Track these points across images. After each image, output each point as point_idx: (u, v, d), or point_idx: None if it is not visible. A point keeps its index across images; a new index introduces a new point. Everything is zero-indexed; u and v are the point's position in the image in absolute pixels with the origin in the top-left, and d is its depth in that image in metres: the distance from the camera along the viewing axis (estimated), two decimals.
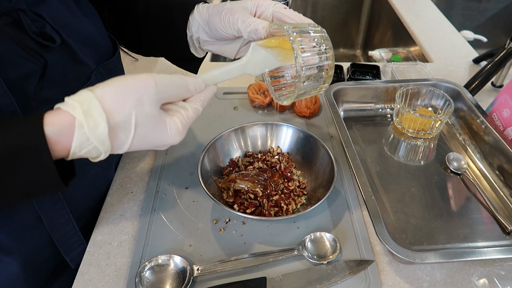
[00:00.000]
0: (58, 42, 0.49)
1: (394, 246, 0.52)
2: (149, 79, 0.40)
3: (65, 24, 0.51)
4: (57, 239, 0.55)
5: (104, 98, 0.38)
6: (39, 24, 0.48)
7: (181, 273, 0.53)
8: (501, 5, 1.62)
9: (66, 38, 0.51)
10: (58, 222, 0.54)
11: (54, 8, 0.51)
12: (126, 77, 0.40)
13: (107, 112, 0.37)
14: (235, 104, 0.86)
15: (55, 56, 0.50)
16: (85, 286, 0.54)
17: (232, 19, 0.54)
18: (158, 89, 0.40)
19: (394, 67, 0.98)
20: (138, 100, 0.39)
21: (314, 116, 0.83)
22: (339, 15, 1.56)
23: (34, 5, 0.48)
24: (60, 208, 0.54)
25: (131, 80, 0.39)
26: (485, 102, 0.87)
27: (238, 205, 0.62)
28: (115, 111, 0.38)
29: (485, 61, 1.01)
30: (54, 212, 0.53)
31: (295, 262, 0.56)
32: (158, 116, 0.40)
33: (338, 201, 0.65)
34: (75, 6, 0.56)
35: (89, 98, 0.37)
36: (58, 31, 0.50)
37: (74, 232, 0.57)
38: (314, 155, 0.68)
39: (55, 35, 0.49)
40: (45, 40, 0.48)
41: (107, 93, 0.38)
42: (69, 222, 0.56)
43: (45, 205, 0.52)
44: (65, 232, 0.56)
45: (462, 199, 0.67)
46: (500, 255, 0.53)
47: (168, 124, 0.41)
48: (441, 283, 0.55)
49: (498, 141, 0.71)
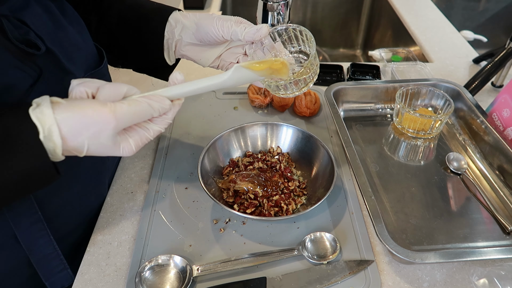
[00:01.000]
0: (43, 49, 0.47)
1: (394, 246, 0.52)
2: (109, 116, 0.41)
3: (49, 32, 0.50)
4: (35, 262, 0.52)
5: (63, 125, 0.39)
6: (22, 31, 0.46)
7: (181, 273, 0.53)
8: (501, 5, 1.62)
9: (51, 45, 0.49)
10: (36, 244, 0.51)
11: (38, 16, 0.49)
12: (88, 106, 0.41)
13: (63, 138, 0.39)
14: (235, 104, 0.86)
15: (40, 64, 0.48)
16: (85, 286, 0.54)
17: (226, 23, 0.56)
18: (117, 125, 0.41)
19: (394, 67, 0.98)
20: (93, 133, 0.40)
21: (314, 116, 0.83)
22: (339, 15, 1.56)
23: (17, 11, 0.46)
24: (39, 228, 0.51)
25: (92, 112, 0.40)
26: (485, 102, 0.87)
27: (238, 205, 0.62)
28: (69, 139, 0.40)
29: (485, 61, 1.01)
30: (32, 232, 0.50)
31: (295, 262, 0.56)
32: (112, 144, 0.42)
33: (338, 201, 0.65)
34: (60, 15, 0.55)
35: (50, 122, 0.38)
36: (42, 38, 0.48)
37: (55, 256, 0.53)
38: (314, 155, 0.68)
39: (40, 43, 0.47)
40: (29, 48, 0.46)
41: (66, 120, 0.39)
42: (50, 244, 0.52)
43: (22, 224, 0.49)
44: (45, 255, 0.52)
45: (462, 199, 0.67)
46: (500, 255, 0.53)
47: (122, 147, 0.44)
48: (441, 283, 0.55)
49: (498, 141, 0.71)
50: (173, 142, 0.76)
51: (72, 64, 0.53)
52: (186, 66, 0.71)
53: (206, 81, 0.48)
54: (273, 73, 0.50)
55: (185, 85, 0.48)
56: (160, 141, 0.76)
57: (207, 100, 0.87)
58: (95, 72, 0.58)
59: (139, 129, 0.45)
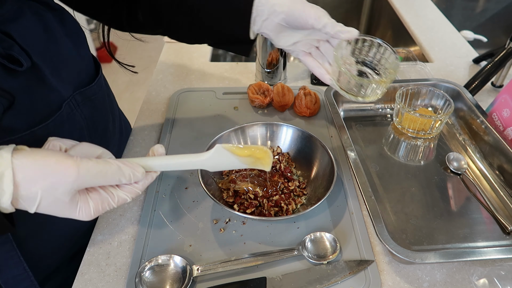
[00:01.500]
0: (25, 66, 0.45)
1: (394, 246, 0.52)
2: (72, 168, 0.38)
3: (38, 44, 0.48)
4: (4, 282, 0.50)
5: (19, 170, 0.36)
6: (6, 44, 0.44)
7: (181, 273, 0.53)
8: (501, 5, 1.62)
9: (37, 60, 0.47)
10: (6, 264, 0.49)
11: (28, 27, 0.47)
12: (52, 156, 0.38)
13: (16, 184, 0.36)
14: (235, 104, 0.86)
15: (21, 81, 0.46)
16: (85, 286, 0.54)
17: (319, 13, 0.55)
18: (78, 180, 0.38)
19: None
20: (51, 184, 0.37)
21: (314, 116, 0.83)
22: (339, 15, 1.56)
23: (3, 23, 0.45)
24: (7, 249, 0.49)
25: (55, 162, 0.38)
26: (485, 102, 0.87)
27: (238, 205, 0.62)
28: (22, 186, 0.36)
29: (485, 61, 1.01)
30: (1, 253, 0.49)
31: (295, 262, 0.56)
32: (69, 202, 0.39)
33: (338, 201, 0.65)
34: (58, 25, 0.53)
35: (5, 166, 0.36)
36: (29, 52, 0.46)
37: (25, 277, 0.51)
38: (314, 155, 0.68)
39: (24, 58, 0.45)
40: (11, 63, 0.44)
41: (24, 165, 0.37)
42: (19, 265, 0.50)
43: None
44: (14, 276, 0.50)
45: (462, 199, 0.67)
46: (500, 255, 0.53)
47: (79, 208, 0.40)
48: (441, 283, 0.55)
49: (498, 141, 0.71)
50: (173, 142, 0.76)
51: (59, 80, 0.51)
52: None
53: (185, 158, 0.47)
54: (255, 161, 0.49)
55: (163, 158, 0.46)
56: (160, 141, 0.76)
57: (207, 100, 0.87)
58: (85, 90, 0.57)
59: (103, 193, 0.42)
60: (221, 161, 0.48)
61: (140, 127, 0.81)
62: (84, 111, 0.57)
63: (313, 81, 0.95)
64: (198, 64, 1.01)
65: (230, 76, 0.97)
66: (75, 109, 0.55)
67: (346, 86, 0.61)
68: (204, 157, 0.47)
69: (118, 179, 0.41)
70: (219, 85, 0.93)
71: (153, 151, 0.47)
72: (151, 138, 0.78)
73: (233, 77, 0.96)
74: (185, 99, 0.87)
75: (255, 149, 0.49)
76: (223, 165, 0.49)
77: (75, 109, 0.55)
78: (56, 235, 0.58)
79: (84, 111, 0.57)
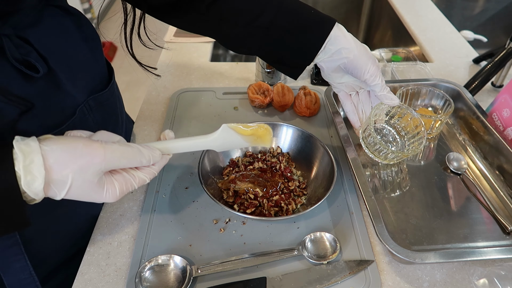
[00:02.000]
0: (42, 72, 0.45)
1: (394, 246, 0.52)
2: (99, 150, 0.40)
3: (55, 50, 0.48)
4: (9, 284, 0.50)
5: (49, 155, 0.38)
6: (24, 50, 0.44)
7: (181, 273, 0.53)
8: (501, 5, 1.62)
9: (54, 66, 0.48)
10: (12, 267, 0.49)
11: (46, 33, 0.48)
12: (79, 141, 0.40)
13: (47, 169, 0.37)
14: (235, 104, 0.86)
15: (38, 86, 0.47)
16: (85, 286, 0.54)
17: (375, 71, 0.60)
18: (105, 161, 0.40)
19: (394, 67, 0.98)
20: (80, 166, 0.39)
21: (314, 116, 0.83)
22: (339, 15, 1.56)
23: (22, 29, 0.45)
24: (15, 252, 0.49)
25: (83, 145, 0.40)
26: (485, 102, 0.87)
27: (238, 205, 0.62)
28: (54, 170, 0.38)
29: (485, 61, 1.01)
30: (8, 256, 0.49)
31: (295, 262, 0.56)
32: (97, 183, 0.41)
33: (338, 201, 0.65)
34: (75, 29, 0.53)
35: (35, 151, 0.37)
36: (46, 58, 0.47)
37: (30, 281, 0.51)
38: (314, 155, 0.68)
39: (41, 64, 0.45)
40: (28, 69, 0.44)
41: (53, 150, 0.38)
42: (25, 269, 0.50)
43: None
44: (20, 279, 0.50)
45: (462, 199, 0.67)
46: (500, 255, 0.53)
47: (106, 189, 0.42)
48: (441, 283, 0.55)
49: (498, 141, 0.71)
50: None
51: (75, 86, 0.52)
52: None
53: (195, 139, 0.51)
54: (257, 139, 0.53)
55: (174, 141, 0.50)
56: None
57: (207, 100, 0.87)
58: (99, 96, 0.57)
59: (125, 174, 0.44)
60: (227, 140, 0.52)
61: (140, 127, 0.81)
62: (96, 116, 0.58)
63: (313, 81, 0.95)
64: (198, 64, 1.01)
65: (230, 76, 0.97)
66: (87, 114, 0.56)
67: (368, 142, 0.68)
68: (212, 137, 0.52)
69: (139, 160, 0.44)
70: (219, 85, 0.93)
71: (164, 136, 0.50)
72: (151, 138, 0.78)
73: (233, 77, 0.96)
74: (185, 99, 0.87)
75: (258, 127, 0.53)
76: (228, 144, 0.53)
77: (88, 114, 0.56)
78: (59, 235, 0.58)
79: (96, 116, 0.58)
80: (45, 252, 0.56)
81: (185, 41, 1.11)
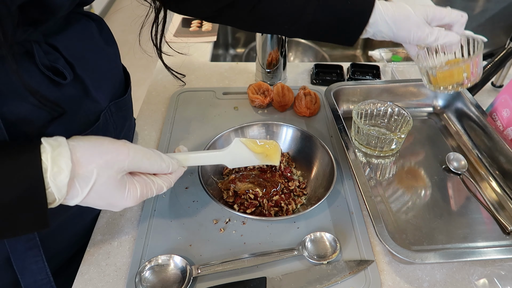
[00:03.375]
0: (69, 79, 0.46)
1: (394, 246, 0.52)
2: (123, 148, 0.41)
3: (81, 56, 0.49)
4: (25, 286, 0.50)
5: (76, 149, 0.39)
6: (52, 57, 0.45)
7: (181, 273, 0.53)
8: (501, 5, 1.62)
9: (81, 72, 0.48)
10: (30, 269, 0.50)
11: (73, 39, 0.48)
12: (104, 139, 0.42)
13: (74, 162, 0.38)
14: (235, 104, 0.86)
15: (66, 92, 0.47)
16: (85, 286, 0.54)
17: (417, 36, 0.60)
18: (129, 159, 0.41)
19: (394, 67, 0.98)
20: (106, 162, 0.40)
21: (314, 116, 0.83)
22: None
23: (50, 36, 0.45)
24: (34, 254, 0.49)
25: (108, 142, 0.41)
26: (485, 102, 0.87)
27: (238, 205, 0.62)
28: (81, 164, 0.38)
29: (485, 61, 1.01)
30: (27, 258, 0.49)
31: (295, 262, 0.56)
32: (120, 180, 0.42)
33: (338, 201, 0.65)
34: (98, 35, 0.54)
35: (63, 145, 0.38)
36: (73, 64, 0.47)
37: (46, 282, 0.51)
38: (314, 155, 0.68)
39: (68, 71, 0.46)
40: (56, 76, 0.45)
41: (80, 146, 0.39)
42: (43, 270, 0.50)
43: (18, 248, 0.48)
44: (36, 280, 0.51)
45: (462, 199, 0.67)
46: (500, 255, 0.53)
47: (128, 189, 0.43)
48: (441, 283, 0.55)
49: (498, 141, 0.71)
50: (173, 142, 0.76)
51: (99, 92, 0.53)
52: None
53: (208, 153, 0.53)
54: (266, 157, 0.55)
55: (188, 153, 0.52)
56: (160, 141, 0.76)
57: (207, 100, 0.87)
58: (119, 101, 0.58)
59: (146, 178, 0.45)
60: (239, 156, 0.54)
61: (140, 127, 0.81)
62: (116, 121, 0.59)
63: (313, 81, 0.95)
64: (198, 64, 1.01)
65: (230, 76, 0.97)
66: (109, 120, 0.57)
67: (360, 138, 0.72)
68: (226, 151, 0.53)
69: (159, 164, 0.45)
70: (219, 85, 0.93)
71: (179, 149, 0.52)
72: (151, 138, 0.78)
73: (233, 77, 0.96)
74: (185, 99, 0.87)
75: (267, 144, 0.55)
76: (240, 161, 0.55)
77: (109, 119, 0.57)
78: (69, 234, 0.59)
79: (116, 121, 0.59)
80: (55, 249, 0.57)
81: (185, 41, 1.11)
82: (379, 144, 0.72)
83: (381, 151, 0.74)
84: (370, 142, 0.73)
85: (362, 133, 0.73)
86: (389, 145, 0.73)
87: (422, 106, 0.85)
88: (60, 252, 0.59)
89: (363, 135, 0.74)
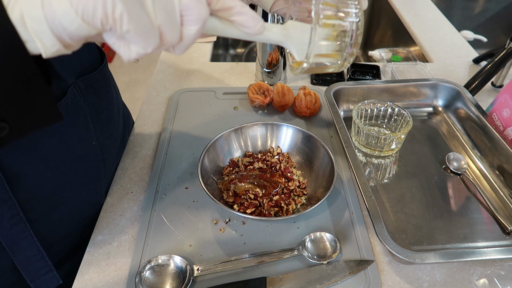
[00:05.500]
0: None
1: (394, 246, 0.52)
2: None
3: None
4: (19, 263, 0.51)
5: None
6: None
7: (181, 273, 0.53)
8: (501, 5, 1.62)
9: None
10: (20, 245, 0.50)
11: None
12: None
13: None
14: (235, 104, 0.86)
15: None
16: (85, 286, 0.54)
17: None
18: None
19: (394, 67, 0.98)
20: None
21: (314, 116, 0.83)
22: None
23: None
24: (21, 230, 0.49)
25: None
26: (485, 102, 0.87)
27: (238, 205, 0.62)
28: None
29: (485, 61, 1.01)
30: (14, 234, 0.49)
31: (295, 262, 0.56)
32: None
33: (338, 201, 0.65)
34: None
35: None
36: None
37: (40, 257, 0.52)
38: (314, 155, 0.68)
39: None
40: None
41: None
42: (33, 245, 0.51)
43: (3, 225, 0.48)
44: (29, 256, 0.51)
45: (462, 199, 0.67)
46: (500, 255, 0.53)
47: None
48: (441, 283, 0.55)
49: (498, 141, 0.71)
50: (173, 142, 0.76)
51: (63, 68, 0.52)
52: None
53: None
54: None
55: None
56: (160, 141, 0.76)
57: (207, 100, 0.87)
58: (88, 78, 0.57)
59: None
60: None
61: (140, 127, 0.81)
62: (88, 98, 0.58)
63: (313, 81, 0.95)
64: (198, 64, 1.01)
65: (230, 76, 0.97)
66: (78, 96, 0.56)
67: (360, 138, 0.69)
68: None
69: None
70: (219, 85, 0.93)
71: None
72: (151, 138, 0.78)
73: (233, 77, 0.96)
74: (185, 99, 0.87)
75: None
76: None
77: (79, 95, 0.56)
78: (66, 221, 0.58)
79: (87, 99, 0.58)
80: (53, 236, 0.57)
81: None
82: (379, 144, 0.73)
83: (381, 151, 0.74)
84: (370, 142, 0.74)
85: (362, 133, 0.73)
86: (389, 145, 0.73)
87: (422, 106, 0.85)
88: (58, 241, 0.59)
89: (363, 135, 0.74)
